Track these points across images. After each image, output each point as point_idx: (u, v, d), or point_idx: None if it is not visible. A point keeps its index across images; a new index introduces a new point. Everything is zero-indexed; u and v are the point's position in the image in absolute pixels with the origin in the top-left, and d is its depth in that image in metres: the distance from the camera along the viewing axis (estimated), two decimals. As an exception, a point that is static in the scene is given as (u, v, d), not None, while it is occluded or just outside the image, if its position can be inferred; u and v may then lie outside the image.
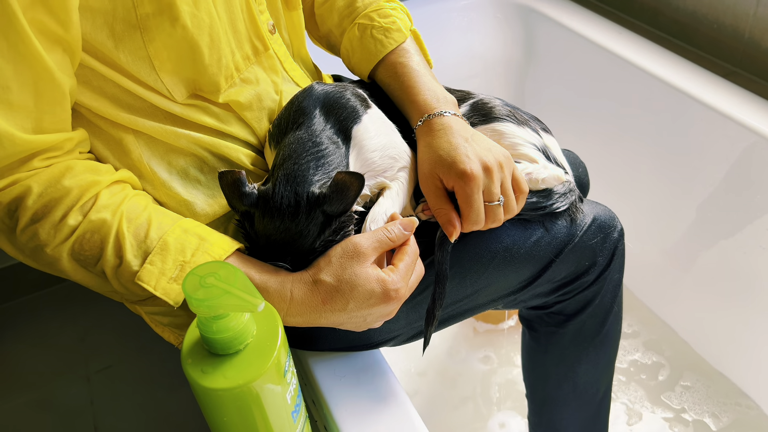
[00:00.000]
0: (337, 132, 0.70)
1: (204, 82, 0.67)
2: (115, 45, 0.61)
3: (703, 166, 1.22)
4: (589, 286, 0.84)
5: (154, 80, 0.64)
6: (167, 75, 0.64)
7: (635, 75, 1.30)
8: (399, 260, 0.65)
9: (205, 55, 0.64)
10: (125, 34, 0.60)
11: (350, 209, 0.63)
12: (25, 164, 0.59)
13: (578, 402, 0.92)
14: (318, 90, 0.74)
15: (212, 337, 0.52)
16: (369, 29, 0.83)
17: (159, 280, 0.60)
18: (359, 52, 0.84)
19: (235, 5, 0.68)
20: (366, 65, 0.84)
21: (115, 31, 0.60)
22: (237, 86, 0.70)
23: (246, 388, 0.52)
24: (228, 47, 0.68)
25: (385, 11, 0.84)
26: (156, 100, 0.66)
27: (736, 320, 1.22)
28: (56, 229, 0.59)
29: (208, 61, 0.65)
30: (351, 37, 0.85)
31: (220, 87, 0.68)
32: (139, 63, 0.62)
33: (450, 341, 1.37)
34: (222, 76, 0.68)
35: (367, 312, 0.63)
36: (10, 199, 0.59)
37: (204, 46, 0.64)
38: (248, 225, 0.65)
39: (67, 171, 0.60)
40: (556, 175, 0.78)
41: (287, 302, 0.62)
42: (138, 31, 0.60)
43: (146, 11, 0.59)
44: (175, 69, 0.64)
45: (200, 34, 0.63)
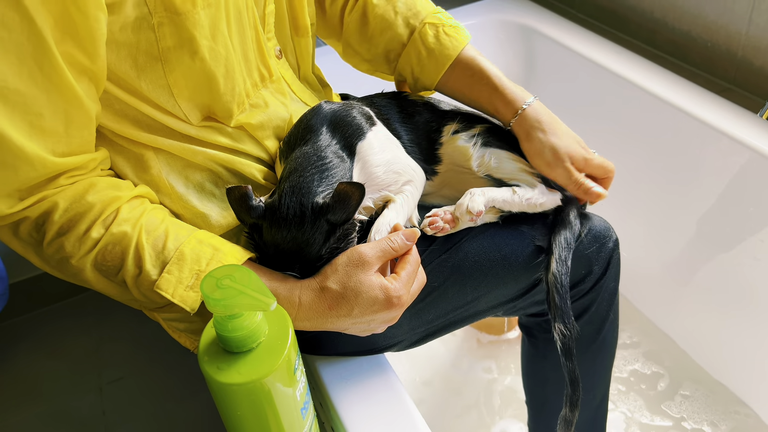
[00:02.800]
0: (343, 147, 0.75)
1: (218, 108, 0.71)
2: (138, 75, 0.65)
3: (700, 181, 1.25)
4: (586, 294, 0.87)
5: (172, 106, 0.69)
6: (184, 101, 0.69)
7: (633, 92, 1.33)
8: (401, 269, 0.69)
9: (221, 84, 0.69)
10: (147, 65, 0.65)
11: (353, 217, 0.67)
12: (52, 182, 0.64)
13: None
14: (325, 108, 0.78)
15: (227, 336, 0.55)
16: (441, 28, 0.87)
17: (176, 288, 0.64)
18: (436, 51, 0.86)
19: (247, 36, 0.73)
20: (443, 63, 0.86)
21: (138, 62, 0.65)
22: (247, 111, 0.75)
23: (258, 384, 0.56)
24: (241, 76, 0.72)
25: (445, 14, 0.89)
26: (173, 123, 0.71)
27: (734, 330, 1.25)
28: (80, 242, 0.64)
29: (223, 90, 0.70)
30: (424, 36, 0.87)
31: (233, 113, 0.73)
32: (159, 91, 0.67)
33: (454, 352, 1.40)
34: (235, 103, 0.72)
35: (370, 317, 0.67)
36: (38, 214, 0.64)
37: (220, 77, 0.69)
38: (257, 236, 0.69)
39: (91, 187, 0.65)
40: (554, 199, 0.83)
41: (296, 307, 0.66)
42: (159, 62, 0.65)
43: (168, 44, 0.64)
44: (192, 96, 0.69)
45: (217, 65, 0.68)
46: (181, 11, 0.63)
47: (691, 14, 1.37)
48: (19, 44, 0.55)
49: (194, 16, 0.63)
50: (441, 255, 0.81)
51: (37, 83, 0.58)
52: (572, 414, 0.84)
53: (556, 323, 0.79)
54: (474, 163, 0.82)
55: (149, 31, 0.63)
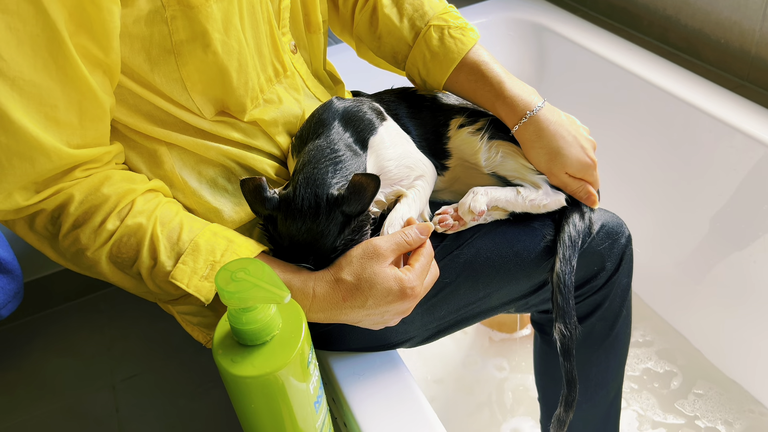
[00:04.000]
0: (355, 142, 0.75)
1: (231, 102, 0.71)
2: (151, 68, 0.66)
3: (714, 178, 1.24)
4: (599, 290, 0.87)
5: (185, 100, 0.69)
6: (198, 95, 0.69)
7: (646, 89, 1.33)
8: (415, 260, 0.69)
9: (234, 78, 0.69)
10: (160, 59, 0.65)
11: (368, 209, 0.68)
12: (68, 174, 0.64)
13: (589, 404, 0.94)
14: (337, 104, 0.78)
15: (241, 329, 0.56)
16: (446, 30, 0.85)
17: (191, 278, 0.64)
18: (441, 54, 0.84)
19: (261, 31, 0.73)
20: (447, 66, 0.84)
21: (151, 56, 0.65)
22: (261, 106, 0.75)
23: (272, 377, 0.56)
24: (254, 71, 0.72)
25: (453, 14, 0.87)
26: (187, 117, 0.71)
27: (748, 329, 1.24)
28: (96, 234, 0.64)
29: (236, 84, 0.70)
30: (428, 40, 0.85)
31: (246, 107, 0.73)
32: (173, 84, 0.67)
33: (466, 350, 1.40)
34: (248, 98, 0.72)
35: (384, 309, 0.67)
36: (54, 207, 0.64)
37: (233, 71, 0.69)
38: (272, 228, 0.69)
39: (106, 180, 0.65)
40: (558, 200, 0.82)
41: (310, 299, 0.66)
42: (172, 55, 0.65)
43: (181, 38, 0.64)
44: (205, 90, 0.69)
45: (229, 59, 0.68)
46: (194, 4, 0.63)
47: (703, 11, 1.36)
48: (33, 36, 0.56)
49: (207, 9, 0.64)
50: (453, 251, 0.81)
51: (52, 75, 0.58)
52: (566, 414, 0.84)
53: (557, 323, 0.79)
54: (482, 156, 0.82)
55: (162, 24, 0.63)
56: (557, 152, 0.79)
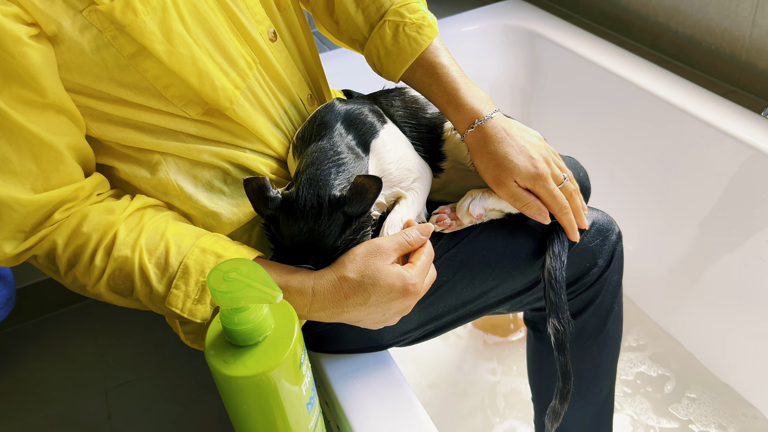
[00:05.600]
0: (358, 144, 0.76)
1: (209, 102, 0.70)
2: (119, 85, 0.66)
3: (703, 182, 1.25)
4: (590, 286, 0.87)
5: (165, 104, 0.69)
6: (175, 98, 0.69)
7: (637, 95, 1.34)
8: (416, 259, 0.70)
9: (195, 84, 0.68)
10: (123, 75, 0.66)
11: (369, 210, 0.68)
12: (47, 219, 0.66)
13: (582, 402, 0.95)
14: (339, 106, 0.79)
15: (233, 329, 0.56)
16: (401, 26, 0.82)
17: (185, 302, 0.66)
18: (394, 53, 0.82)
19: (217, 27, 0.70)
20: (400, 66, 0.82)
21: (114, 77, 0.65)
22: (242, 102, 0.73)
23: (264, 377, 0.56)
24: (219, 71, 0.70)
25: (413, 6, 0.83)
26: (173, 123, 0.71)
27: (740, 332, 1.24)
28: (89, 272, 0.67)
29: (201, 89, 0.68)
30: (382, 35, 0.83)
31: (225, 107, 0.71)
32: (146, 94, 0.67)
33: (459, 354, 1.40)
34: (222, 98, 0.70)
35: (386, 307, 0.68)
36: (45, 253, 0.67)
37: (191, 76, 0.67)
38: (274, 228, 0.70)
39: (84, 219, 0.67)
40: None
41: (309, 298, 0.66)
42: (131, 68, 0.65)
43: (130, 52, 0.64)
44: (179, 92, 0.69)
45: (182, 67, 0.66)
46: (124, 23, 0.62)
47: (694, 18, 1.37)
48: None
49: (139, 25, 0.63)
50: (450, 249, 0.81)
51: None
52: (561, 406, 0.84)
53: (551, 318, 0.80)
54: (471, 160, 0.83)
55: (108, 47, 0.63)
56: (503, 159, 0.76)
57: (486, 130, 0.77)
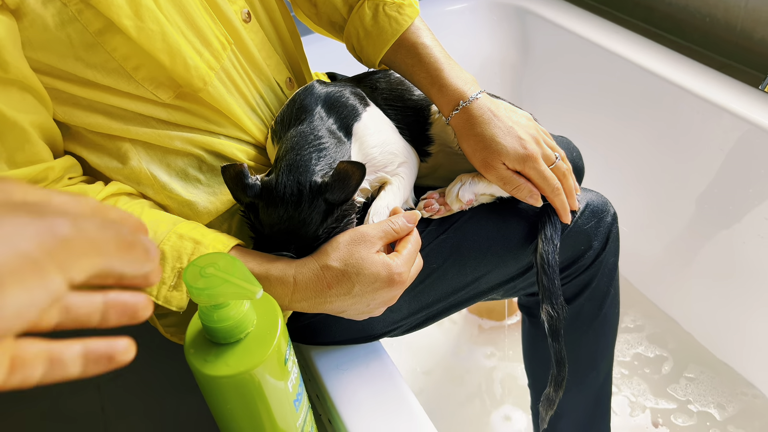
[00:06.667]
0: (339, 128, 0.73)
1: (181, 83, 0.67)
2: (86, 66, 0.62)
3: (700, 158, 1.23)
4: (586, 269, 0.85)
5: (135, 87, 0.65)
6: (145, 80, 0.65)
7: (631, 71, 1.31)
8: (403, 247, 0.67)
9: (166, 62, 0.64)
10: (90, 54, 0.62)
11: (352, 198, 0.65)
12: None
13: (579, 387, 0.93)
14: (319, 89, 0.76)
15: (213, 327, 0.53)
16: (381, 6, 0.79)
17: (160, 289, 0.62)
18: (374, 34, 0.80)
19: (189, 5, 0.66)
20: (380, 47, 0.80)
21: (79, 55, 0.62)
22: (216, 84, 0.70)
23: (248, 375, 0.54)
24: (192, 49, 0.67)
25: None
26: (143, 108, 0.67)
27: (738, 310, 1.23)
28: None
29: (173, 68, 0.64)
30: (362, 16, 0.80)
31: (198, 88, 0.68)
32: (114, 75, 0.64)
33: (455, 340, 1.38)
34: (195, 78, 0.67)
35: (371, 297, 0.65)
36: None
37: (162, 54, 0.63)
38: (253, 216, 0.67)
39: None
40: None
41: (290, 288, 0.64)
42: (98, 46, 0.61)
43: (96, 28, 0.61)
44: (150, 74, 0.65)
45: (152, 44, 0.63)
46: None
47: (688, -11, 1.34)
48: None
49: None
50: (439, 235, 0.79)
51: None
52: (555, 393, 0.83)
53: (544, 304, 0.78)
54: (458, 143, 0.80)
55: (74, 22, 0.60)
56: (491, 140, 0.73)
57: (471, 112, 0.74)
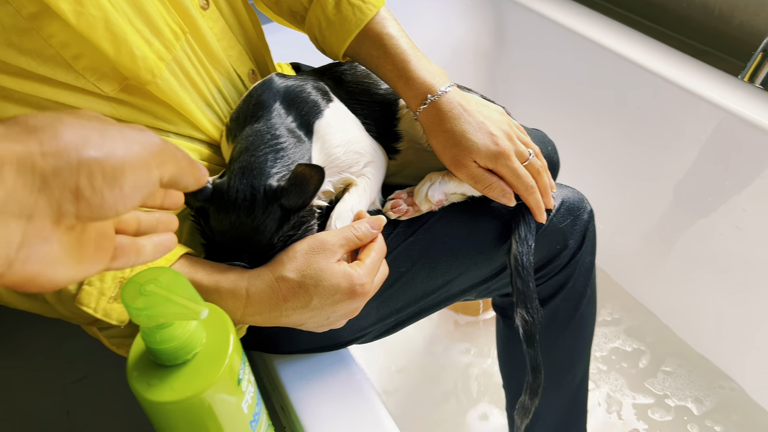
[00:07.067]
0: (299, 126, 0.68)
1: (127, 75, 0.60)
2: (18, 51, 0.56)
3: (677, 147, 1.20)
4: (561, 270, 0.82)
5: (75, 78, 0.59)
6: (87, 70, 0.59)
7: (606, 58, 1.28)
8: (366, 255, 0.62)
9: (110, 51, 0.58)
10: (23, 40, 0.55)
11: (309, 204, 0.61)
12: None
13: (555, 390, 0.90)
14: (278, 83, 0.71)
15: (157, 348, 0.49)
16: None
17: (99, 301, 0.56)
18: (336, 24, 0.75)
19: None
20: (344, 38, 0.76)
21: (11, 40, 0.55)
22: (166, 76, 0.64)
23: (196, 400, 0.49)
24: (140, 38, 0.61)
25: None
26: (83, 102, 0.61)
27: (716, 301, 1.21)
28: None
29: (116, 57, 0.58)
30: (323, 5, 0.75)
31: (146, 81, 0.62)
32: (51, 64, 0.57)
33: (430, 336, 1.35)
34: (142, 69, 0.61)
35: (331, 309, 0.61)
36: None
37: (104, 42, 0.57)
38: (203, 221, 0.62)
39: None
40: None
41: (243, 301, 0.59)
42: (33, 31, 0.55)
43: (30, 11, 0.54)
44: (92, 63, 0.59)
45: (93, 31, 0.57)
46: None
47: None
48: None
49: None
50: (408, 238, 0.75)
51: None
52: (531, 402, 0.80)
53: (518, 309, 0.74)
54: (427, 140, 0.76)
55: (5, 5, 0.53)
56: (461, 137, 0.69)
57: (440, 106, 0.70)
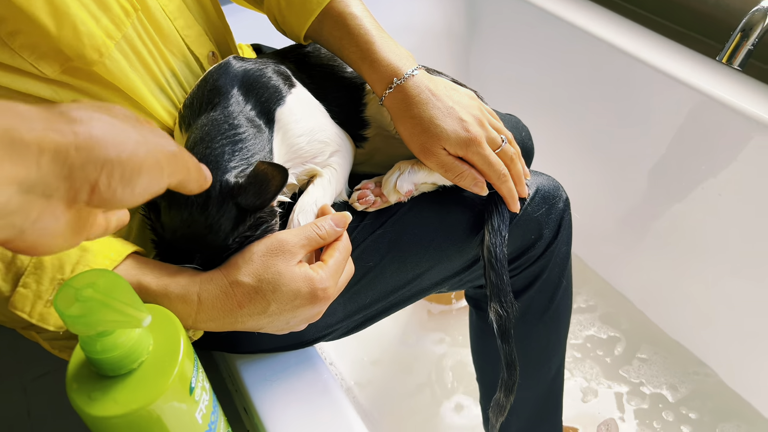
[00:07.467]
0: (259, 114, 0.63)
1: (70, 54, 0.55)
2: None
3: (653, 131, 1.18)
4: (536, 260, 0.79)
5: (10, 57, 0.54)
6: (24, 49, 0.54)
7: (581, 40, 1.25)
8: (329, 256, 0.58)
9: (50, 26, 0.53)
10: None
11: (268, 205, 0.56)
12: None
13: (530, 382, 0.88)
14: (236, 67, 0.66)
15: (98, 358, 0.44)
16: None
17: (35, 305, 0.51)
18: (296, 3, 0.72)
19: None
20: (304, 18, 0.72)
21: None
22: (116, 56, 0.59)
23: (143, 413, 0.45)
24: (85, 13, 0.56)
25: None
26: (20, 84, 0.56)
27: (690, 287, 1.20)
28: None
29: (58, 33, 0.54)
30: None
31: (91, 61, 0.57)
32: None
33: (404, 327, 1.32)
34: (88, 47, 0.56)
35: (291, 315, 0.57)
36: None
37: (44, 17, 0.52)
38: (154, 217, 0.57)
39: None
40: None
41: (194, 307, 0.55)
42: None
43: None
44: (31, 41, 0.53)
45: (31, 3, 0.52)
46: None
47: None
48: None
49: None
50: (375, 230, 0.71)
51: None
52: (506, 399, 0.78)
53: (492, 302, 0.72)
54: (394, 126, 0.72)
55: None
56: (429, 123, 0.65)
57: (407, 91, 0.66)
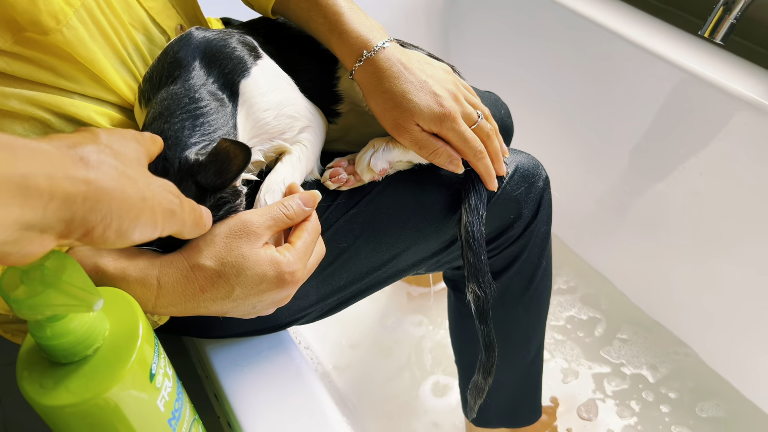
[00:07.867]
0: (222, 87, 0.60)
1: (25, 21, 0.52)
2: None
3: (634, 109, 1.16)
4: (515, 240, 0.77)
5: None
6: None
7: (561, 15, 1.23)
8: (297, 238, 0.56)
9: None
10: None
11: (229, 185, 0.54)
12: None
13: (507, 363, 0.86)
14: (197, 37, 0.62)
15: (48, 344, 0.42)
16: None
17: None
18: None
19: None
20: None
21: None
22: (75, 24, 0.55)
23: (99, 401, 0.43)
24: None
25: None
26: None
27: (670, 267, 1.19)
28: None
29: None
30: None
31: (48, 28, 0.53)
32: None
33: (383, 309, 1.30)
34: (44, 14, 0.52)
35: (257, 299, 0.54)
36: None
37: None
38: None
39: None
40: None
41: (153, 291, 0.52)
42: None
43: None
44: None
45: None
46: None
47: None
48: None
49: None
50: (349, 210, 0.68)
51: None
52: (485, 381, 0.76)
53: (470, 283, 0.70)
54: None
55: None
56: (401, 98, 0.63)
57: (378, 64, 0.63)
